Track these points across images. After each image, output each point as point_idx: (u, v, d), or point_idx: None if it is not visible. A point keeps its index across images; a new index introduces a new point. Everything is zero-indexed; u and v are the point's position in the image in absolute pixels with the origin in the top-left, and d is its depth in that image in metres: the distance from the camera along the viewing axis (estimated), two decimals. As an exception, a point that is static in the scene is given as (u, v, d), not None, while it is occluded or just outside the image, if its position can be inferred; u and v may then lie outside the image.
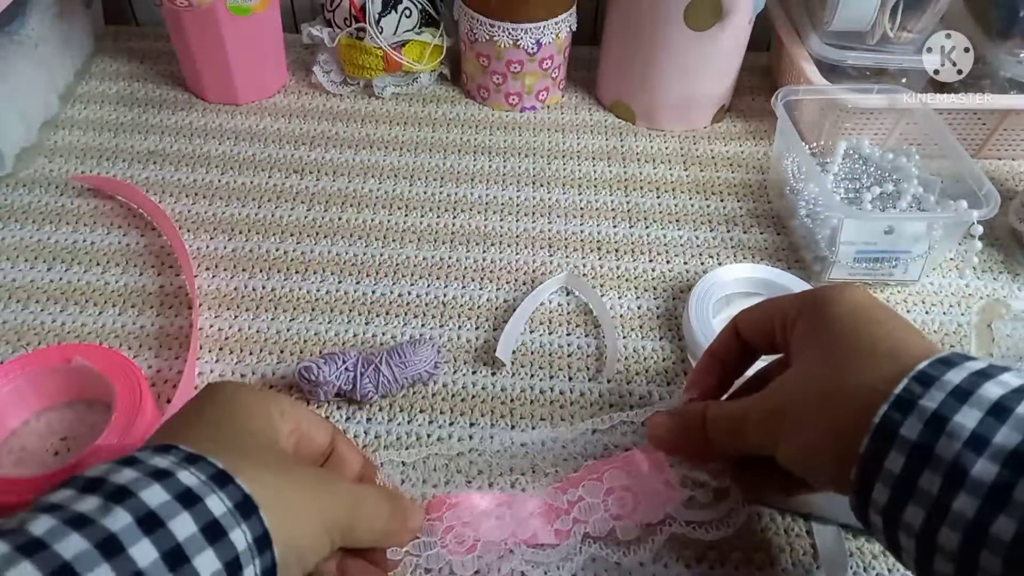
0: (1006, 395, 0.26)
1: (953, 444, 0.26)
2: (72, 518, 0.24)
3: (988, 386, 0.27)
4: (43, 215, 0.57)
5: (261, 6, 0.64)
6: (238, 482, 0.26)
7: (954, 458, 0.26)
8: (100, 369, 0.42)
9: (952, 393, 0.27)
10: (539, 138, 0.68)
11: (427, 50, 0.68)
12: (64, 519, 0.23)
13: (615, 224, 0.59)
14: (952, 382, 0.27)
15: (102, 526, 0.23)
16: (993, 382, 0.27)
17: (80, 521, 0.23)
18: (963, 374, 0.27)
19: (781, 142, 0.60)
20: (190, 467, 0.26)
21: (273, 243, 0.56)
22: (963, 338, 0.52)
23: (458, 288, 0.54)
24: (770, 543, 0.41)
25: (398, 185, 0.62)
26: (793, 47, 0.67)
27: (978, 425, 0.26)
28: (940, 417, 0.26)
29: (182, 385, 0.45)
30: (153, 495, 0.25)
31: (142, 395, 0.41)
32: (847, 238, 0.52)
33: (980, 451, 0.26)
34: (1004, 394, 0.26)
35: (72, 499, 0.25)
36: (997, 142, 0.66)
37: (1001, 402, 0.26)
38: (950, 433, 0.26)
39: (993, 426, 0.26)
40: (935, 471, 0.26)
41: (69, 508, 0.24)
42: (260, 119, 0.68)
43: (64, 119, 0.66)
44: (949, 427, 0.26)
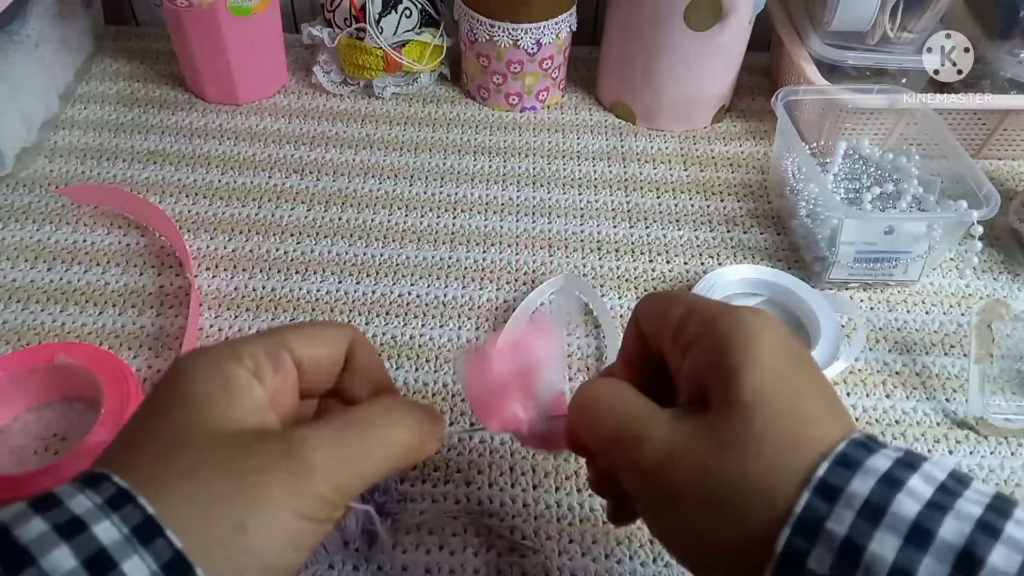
0: (922, 512, 0.22)
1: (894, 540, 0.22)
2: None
3: (901, 499, 0.22)
4: (43, 215, 0.57)
5: (261, 6, 0.64)
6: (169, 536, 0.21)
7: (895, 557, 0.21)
8: (87, 367, 0.42)
9: (861, 513, 0.22)
10: (539, 138, 0.68)
11: (427, 50, 0.68)
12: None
13: (615, 224, 0.59)
14: (860, 495, 0.22)
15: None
16: (904, 493, 0.22)
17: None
18: (870, 482, 0.23)
19: (781, 142, 0.60)
20: (113, 514, 0.21)
21: (273, 243, 0.56)
22: (963, 338, 0.52)
23: (458, 288, 0.54)
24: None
25: (398, 185, 0.62)
26: (793, 47, 0.67)
27: (898, 555, 0.21)
28: (853, 547, 0.22)
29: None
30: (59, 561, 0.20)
31: (131, 392, 0.41)
32: (847, 238, 0.52)
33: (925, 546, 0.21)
34: (920, 511, 0.22)
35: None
36: (997, 142, 0.66)
37: (919, 523, 0.22)
38: (867, 568, 0.22)
39: (915, 557, 0.21)
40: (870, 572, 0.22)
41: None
42: (260, 119, 0.68)
43: (64, 119, 0.66)
44: (865, 559, 0.22)
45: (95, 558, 0.20)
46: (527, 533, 0.41)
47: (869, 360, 0.50)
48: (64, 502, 0.21)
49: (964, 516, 0.22)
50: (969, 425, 0.47)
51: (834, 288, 0.55)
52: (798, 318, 0.52)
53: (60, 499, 0.22)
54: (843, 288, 0.55)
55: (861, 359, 0.50)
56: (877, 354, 0.51)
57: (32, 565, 0.20)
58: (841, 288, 0.55)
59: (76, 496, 0.22)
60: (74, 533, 0.21)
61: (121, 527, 0.21)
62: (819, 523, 0.22)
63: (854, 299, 0.54)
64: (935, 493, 0.23)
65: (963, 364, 0.50)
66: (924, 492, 0.23)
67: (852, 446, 0.24)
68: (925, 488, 0.23)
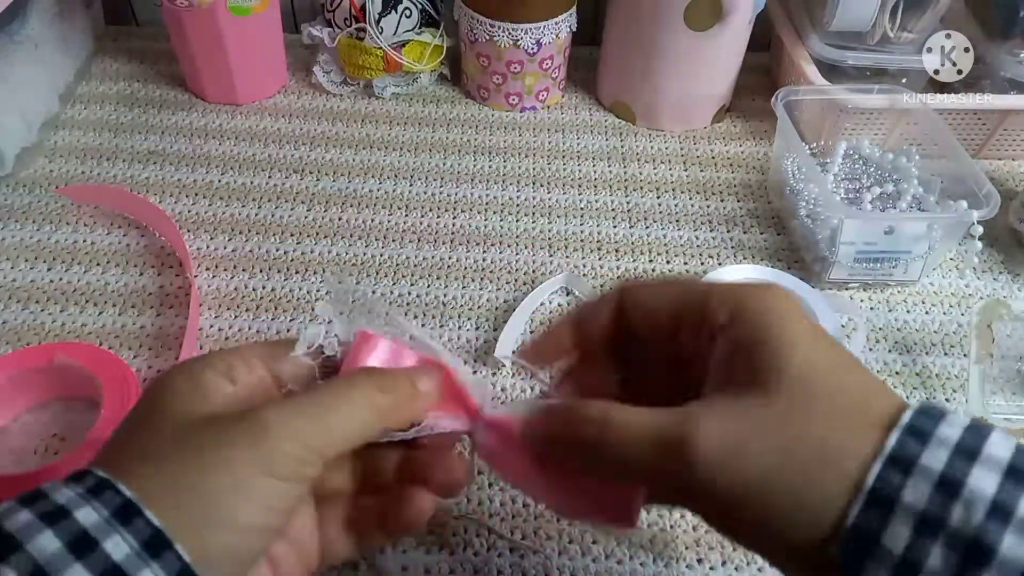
0: (1015, 455, 0.22)
1: (973, 515, 0.21)
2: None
3: (991, 444, 0.23)
4: (43, 215, 0.57)
5: (261, 6, 0.64)
6: (147, 515, 0.23)
7: (975, 533, 0.21)
8: (87, 367, 0.42)
9: (956, 451, 0.22)
10: (539, 138, 0.68)
11: (427, 50, 0.68)
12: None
13: (615, 224, 0.59)
14: (951, 438, 0.23)
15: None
16: (991, 440, 0.23)
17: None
18: (958, 429, 0.23)
19: (781, 142, 0.60)
20: (93, 500, 0.23)
21: (273, 243, 0.56)
22: (963, 338, 0.52)
23: (458, 288, 0.54)
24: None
25: (398, 185, 0.62)
26: (793, 47, 0.67)
27: (998, 491, 0.21)
28: (951, 479, 0.22)
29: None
30: (44, 544, 0.21)
31: (131, 392, 0.41)
32: (847, 238, 0.52)
33: (1005, 523, 0.21)
34: (1013, 454, 0.22)
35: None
36: (997, 142, 0.66)
37: (1014, 463, 0.22)
38: (968, 501, 0.21)
39: (1014, 493, 0.21)
40: (951, 548, 0.21)
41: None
42: (260, 119, 0.68)
43: (64, 119, 0.66)
44: (965, 492, 0.21)
45: (77, 540, 0.22)
46: (527, 533, 0.41)
47: (869, 360, 0.50)
48: (49, 495, 0.23)
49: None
50: (969, 425, 0.47)
51: (834, 288, 0.55)
52: (798, 318, 0.52)
53: (45, 493, 0.23)
54: (843, 288, 0.55)
55: (861, 359, 0.50)
56: (877, 354, 0.51)
57: (19, 550, 0.21)
58: (841, 288, 0.55)
59: (60, 489, 0.23)
60: (57, 519, 0.22)
61: (101, 511, 0.22)
62: (913, 459, 0.22)
63: (854, 299, 0.54)
64: (1016, 449, 0.23)
65: (963, 364, 0.50)
66: (1008, 443, 0.23)
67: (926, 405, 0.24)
68: (1007, 441, 0.23)
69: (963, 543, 0.21)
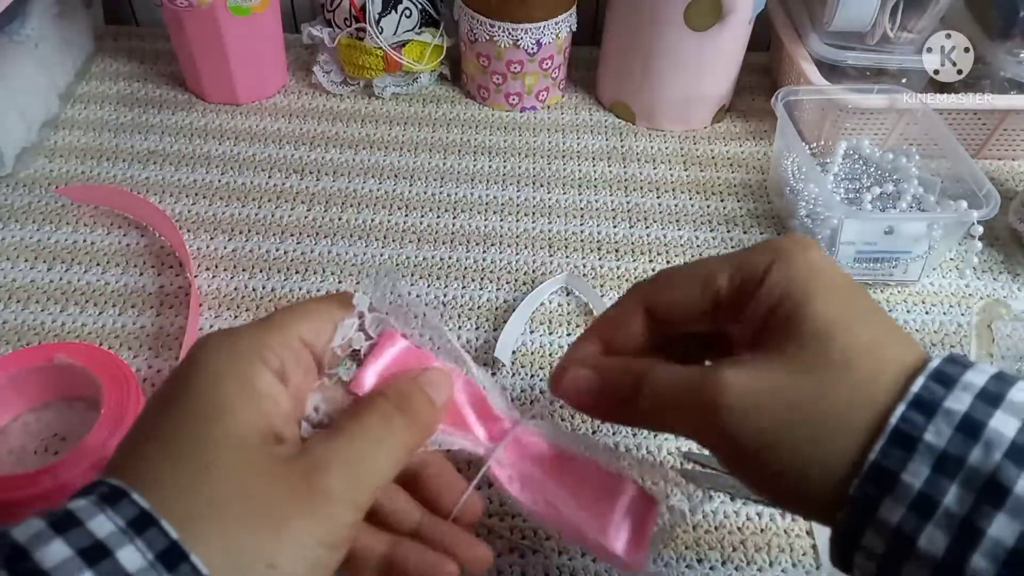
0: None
1: (991, 455, 0.22)
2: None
3: (1015, 392, 0.23)
4: (43, 215, 0.57)
5: (261, 6, 0.64)
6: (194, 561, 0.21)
7: (992, 472, 0.22)
8: (87, 367, 0.42)
9: (980, 396, 0.23)
10: (539, 138, 0.68)
11: (427, 50, 0.68)
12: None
13: (615, 224, 0.59)
14: (976, 384, 0.23)
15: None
16: (1017, 388, 0.23)
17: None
18: (984, 377, 0.23)
19: (781, 142, 0.60)
20: (137, 539, 0.21)
21: (273, 243, 0.56)
22: (963, 338, 0.52)
23: (458, 288, 0.54)
24: (770, 543, 0.41)
25: (398, 185, 0.62)
26: (793, 47, 0.67)
27: (1018, 435, 0.22)
28: (973, 422, 0.22)
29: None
30: (56, 550, 0.20)
31: (131, 392, 0.41)
32: (847, 238, 0.52)
33: (1023, 465, 0.21)
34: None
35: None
36: (997, 142, 0.66)
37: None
38: (988, 442, 0.22)
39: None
40: (968, 487, 0.22)
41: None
42: (260, 119, 0.68)
43: (64, 119, 0.66)
44: (986, 434, 0.22)
45: (92, 548, 0.20)
46: (527, 533, 0.41)
47: (869, 360, 0.50)
48: (84, 522, 0.21)
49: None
50: (969, 425, 0.47)
51: (834, 288, 0.55)
52: (798, 318, 0.52)
53: (79, 518, 0.21)
54: (843, 288, 0.55)
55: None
56: (877, 354, 0.51)
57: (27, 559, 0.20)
58: (841, 288, 0.55)
59: (97, 516, 0.21)
60: (98, 559, 0.20)
61: (146, 553, 0.21)
62: (936, 402, 0.23)
63: (854, 299, 0.54)
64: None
65: (963, 364, 0.50)
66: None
67: (958, 355, 0.25)
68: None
69: (980, 482, 0.22)
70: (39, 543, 0.20)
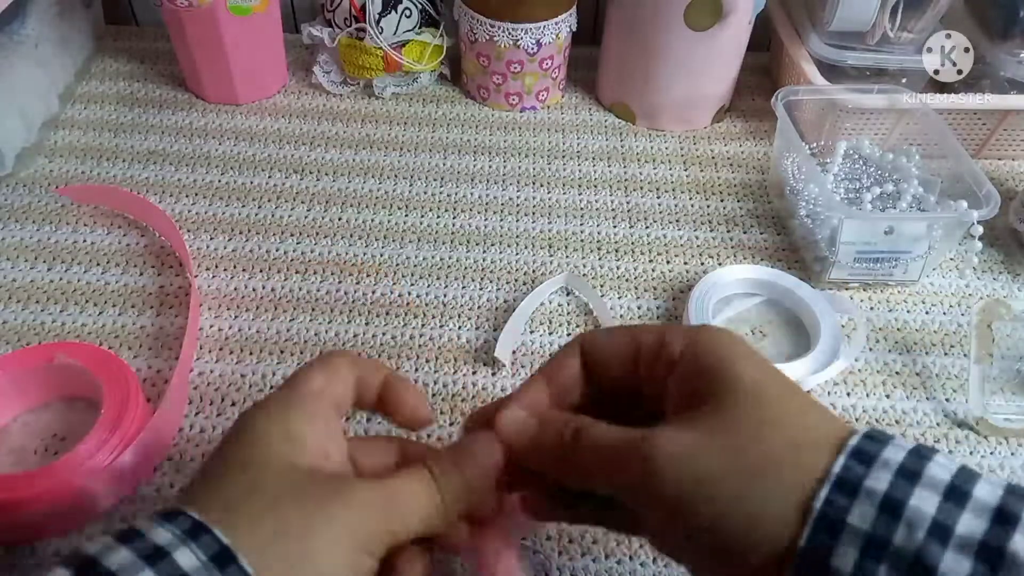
0: (956, 475, 0.23)
1: (914, 535, 0.22)
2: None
3: (932, 466, 0.23)
4: (43, 215, 0.57)
5: (261, 6, 0.64)
6: (241, 562, 0.24)
7: (917, 551, 0.22)
8: (87, 367, 0.42)
9: (899, 473, 0.23)
10: (539, 138, 0.68)
11: (427, 50, 0.68)
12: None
13: (615, 224, 0.59)
14: (895, 460, 0.24)
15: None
16: (934, 462, 0.24)
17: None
18: (901, 452, 0.24)
19: (781, 142, 0.60)
20: (191, 543, 0.24)
21: (273, 243, 0.56)
22: (963, 338, 0.52)
23: (458, 288, 0.54)
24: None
25: (398, 185, 0.62)
26: (793, 47, 0.67)
27: (938, 511, 0.22)
28: (894, 501, 0.23)
29: (174, 380, 0.45)
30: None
31: (131, 392, 0.41)
32: (847, 238, 0.52)
33: (945, 542, 0.22)
34: (953, 476, 0.23)
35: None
36: (997, 142, 0.66)
37: (954, 484, 0.23)
38: (909, 521, 0.22)
39: (953, 512, 0.22)
40: (896, 568, 0.22)
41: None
42: (260, 119, 0.68)
43: (64, 119, 0.66)
44: (907, 513, 0.22)
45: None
46: (527, 533, 0.40)
47: (869, 360, 0.50)
48: (146, 534, 0.24)
49: (994, 482, 0.23)
50: (969, 425, 0.47)
51: (834, 288, 0.55)
52: (798, 318, 0.52)
53: (142, 532, 0.24)
54: (843, 288, 0.55)
55: (861, 359, 0.50)
56: (877, 354, 0.51)
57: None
58: (841, 288, 0.55)
59: (156, 529, 0.24)
60: (157, 559, 0.23)
61: (199, 554, 0.23)
62: (858, 482, 0.23)
63: (854, 299, 0.54)
64: (959, 469, 0.24)
65: (963, 364, 0.50)
66: (950, 465, 0.24)
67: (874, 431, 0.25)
68: (949, 463, 0.24)
69: (906, 563, 0.22)
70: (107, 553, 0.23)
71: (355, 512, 0.26)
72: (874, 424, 0.47)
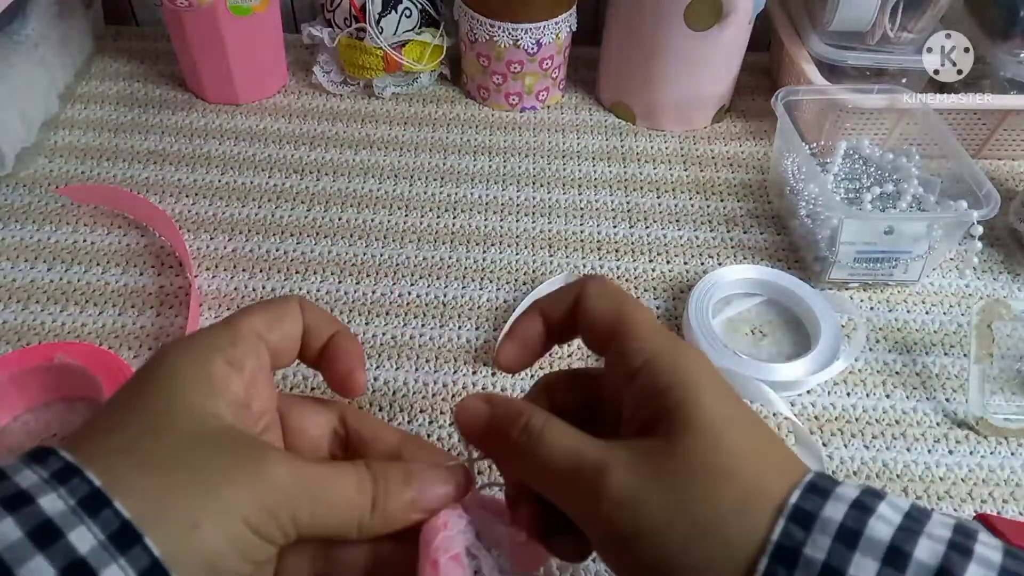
0: (896, 535, 0.23)
1: None
2: None
3: (874, 524, 0.23)
4: (43, 215, 0.57)
5: (261, 6, 0.64)
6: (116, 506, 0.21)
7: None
8: (87, 367, 0.42)
9: (838, 537, 0.23)
10: (539, 138, 0.68)
11: (427, 50, 0.68)
12: None
13: (615, 224, 0.59)
14: (835, 520, 0.23)
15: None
16: (875, 518, 0.23)
17: None
18: (842, 508, 0.23)
19: (781, 142, 0.60)
20: (60, 487, 0.21)
21: (273, 243, 0.56)
22: (963, 338, 0.52)
23: (458, 288, 0.54)
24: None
25: (398, 185, 0.62)
26: (793, 47, 0.67)
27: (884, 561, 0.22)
28: (832, 571, 0.22)
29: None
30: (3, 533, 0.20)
31: None
32: (847, 238, 0.52)
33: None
34: (894, 534, 0.23)
35: None
36: (997, 142, 0.66)
37: (895, 545, 0.22)
38: None
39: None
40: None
41: None
42: (260, 119, 0.68)
43: (64, 119, 0.66)
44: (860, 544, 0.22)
45: (40, 529, 0.20)
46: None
47: (869, 360, 0.50)
48: (10, 476, 0.21)
49: (936, 538, 0.22)
50: (969, 425, 0.47)
51: (834, 288, 0.55)
52: (798, 318, 0.52)
53: (6, 473, 0.22)
54: (843, 288, 0.55)
55: (861, 359, 0.50)
56: (877, 354, 0.51)
57: None
58: (841, 288, 0.55)
59: (22, 471, 0.22)
60: (19, 506, 0.20)
61: (67, 499, 0.21)
62: (797, 550, 0.23)
63: (854, 299, 0.54)
64: (904, 519, 0.23)
65: (963, 364, 0.50)
66: (894, 517, 0.23)
67: (818, 477, 0.25)
68: (893, 514, 0.23)
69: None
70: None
71: (261, 487, 0.24)
72: (874, 424, 0.47)
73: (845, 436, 0.46)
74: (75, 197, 0.58)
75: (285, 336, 0.29)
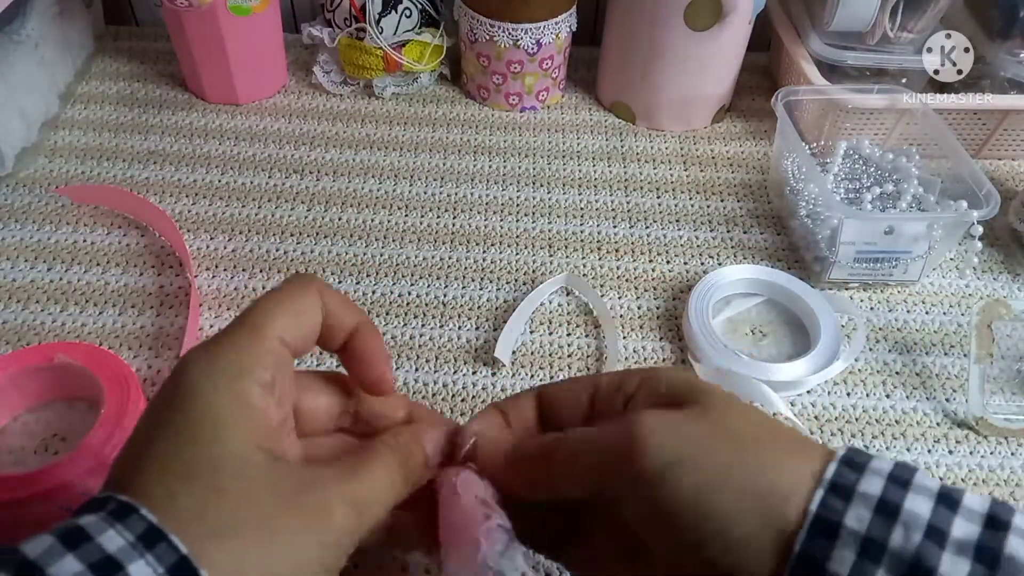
0: (943, 487, 0.24)
1: (911, 536, 0.22)
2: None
3: (920, 476, 0.24)
4: (43, 215, 0.57)
5: (261, 6, 0.64)
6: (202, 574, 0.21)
7: (916, 554, 0.22)
8: (87, 367, 0.42)
9: (890, 479, 0.23)
10: (539, 138, 0.68)
11: (427, 50, 0.68)
12: None
13: (615, 224, 0.59)
14: (884, 469, 0.24)
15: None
16: (920, 473, 0.24)
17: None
18: (888, 464, 0.24)
19: (781, 142, 0.60)
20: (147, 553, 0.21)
21: (273, 243, 0.56)
22: (963, 338, 0.52)
23: (458, 288, 0.54)
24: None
25: (398, 185, 0.62)
26: (793, 47, 0.67)
27: (932, 515, 0.23)
28: (889, 504, 0.23)
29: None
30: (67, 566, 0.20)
31: (131, 392, 0.41)
32: (847, 238, 0.52)
33: (942, 545, 0.22)
34: (941, 486, 0.24)
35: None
36: (997, 142, 0.66)
37: (945, 491, 0.23)
38: (906, 523, 0.22)
39: (947, 516, 0.23)
40: (894, 570, 0.22)
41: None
42: (260, 119, 0.68)
43: (64, 119, 0.66)
44: (903, 515, 0.23)
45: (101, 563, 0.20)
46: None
47: (869, 360, 0.50)
48: (94, 538, 0.21)
49: (982, 495, 0.24)
50: (969, 425, 0.47)
51: (834, 288, 0.55)
52: (798, 318, 0.52)
53: (89, 533, 0.21)
54: (843, 288, 0.55)
55: (861, 359, 0.50)
56: (877, 354, 0.51)
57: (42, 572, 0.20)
58: (841, 288, 0.55)
59: (106, 531, 0.21)
60: (109, 573, 0.20)
61: (156, 567, 0.21)
62: (851, 486, 0.23)
63: (854, 299, 0.54)
64: (943, 485, 0.24)
65: (963, 364, 0.50)
66: (934, 479, 0.24)
67: (853, 449, 0.26)
68: (933, 478, 0.24)
69: (904, 565, 0.22)
70: (51, 559, 0.20)
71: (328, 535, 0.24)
72: (874, 424, 0.47)
73: (845, 436, 0.46)
74: (75, 197, 0.58)
75: (307, 336, 0.29)
